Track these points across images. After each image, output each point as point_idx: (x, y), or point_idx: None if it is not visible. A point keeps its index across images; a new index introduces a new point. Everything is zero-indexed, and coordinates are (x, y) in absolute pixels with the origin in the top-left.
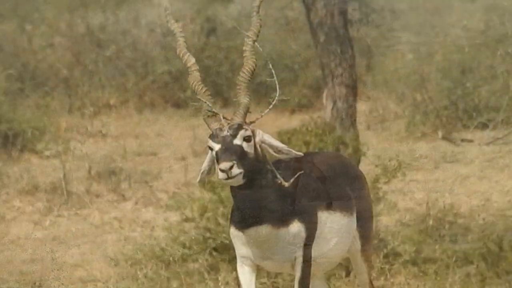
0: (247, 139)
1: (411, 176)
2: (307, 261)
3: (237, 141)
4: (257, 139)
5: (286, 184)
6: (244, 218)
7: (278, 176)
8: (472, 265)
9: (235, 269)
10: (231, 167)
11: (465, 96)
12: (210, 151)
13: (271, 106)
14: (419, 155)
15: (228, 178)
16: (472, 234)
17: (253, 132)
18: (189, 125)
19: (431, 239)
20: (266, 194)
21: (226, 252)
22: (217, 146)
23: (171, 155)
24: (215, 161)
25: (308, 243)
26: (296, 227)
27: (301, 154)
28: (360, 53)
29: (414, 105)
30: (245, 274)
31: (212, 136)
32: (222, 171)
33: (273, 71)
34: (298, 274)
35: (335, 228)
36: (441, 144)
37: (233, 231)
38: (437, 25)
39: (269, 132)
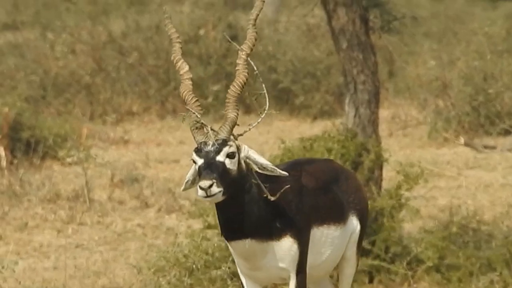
0: (230, 155)
1: (434, 183)
2: (301, 276)
3: (220, 157)
4: (242, 154)
5: (272, 198)
6: (227, 230)
7: (265, 190)
8: (495, 272)
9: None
10: (210, 186)
11: (487, 103)
12: (193, 164)
13: (259, 119)
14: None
15: (207, 196)
16: (495, 240)
17: (238, 147)
18: None
19: (454, 245)
20: (249, 209)
21: None
22: (200, 161)
23: None
24: (197, 175)
25: (301, 259)
26: (288, 243)
27: (285, 173)
28: (382, 60)
29: (436, 112)
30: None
31: (197, 150)
32: (202, 189)
33: (263, 85)
34: None
35: (328, 241)
36: (463, 150)
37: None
38: (458, 32)
39: (291, 139)
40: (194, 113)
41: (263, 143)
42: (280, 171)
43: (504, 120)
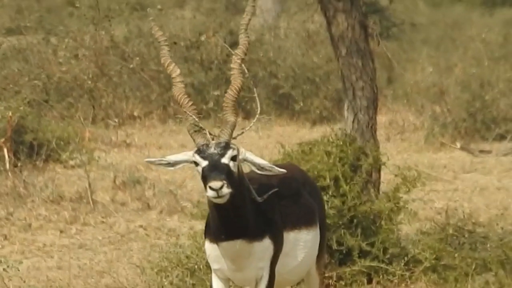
0: (234, 158)
1: (431, 186)
2: (271, 277)
3: (225, 160)
4: (240, 157)
5: (260, 200)
6: (220, 232)
7: (253, 192)
8: (491, 273)
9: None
10: (221, 187)
11: (484, 109)
12: (194, 165)
13: (251, 124)
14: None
15: (218, 197)
16: (491, 242)
17: (238, 150)
18: None
19: (450, 247)
20: (244, 210)
21: None
22: (204, 163)
23: None
24: (201, 177)
25: (274, 260)
26: (267, 243)
27: (284, 171)
28: (381, 66)
29: (433, 117)
30: (219, 285)
31: (199, 152)
32: (213, 189)
33: (254, 89)
34: None
35: (301, 244)
36: (460, 154)
37: (208, 244)
38: (456, 38)
39: (290, 143)
40: (192, 116)
41: (263, 148)
42: (278, 169)
43: (499, 125)
